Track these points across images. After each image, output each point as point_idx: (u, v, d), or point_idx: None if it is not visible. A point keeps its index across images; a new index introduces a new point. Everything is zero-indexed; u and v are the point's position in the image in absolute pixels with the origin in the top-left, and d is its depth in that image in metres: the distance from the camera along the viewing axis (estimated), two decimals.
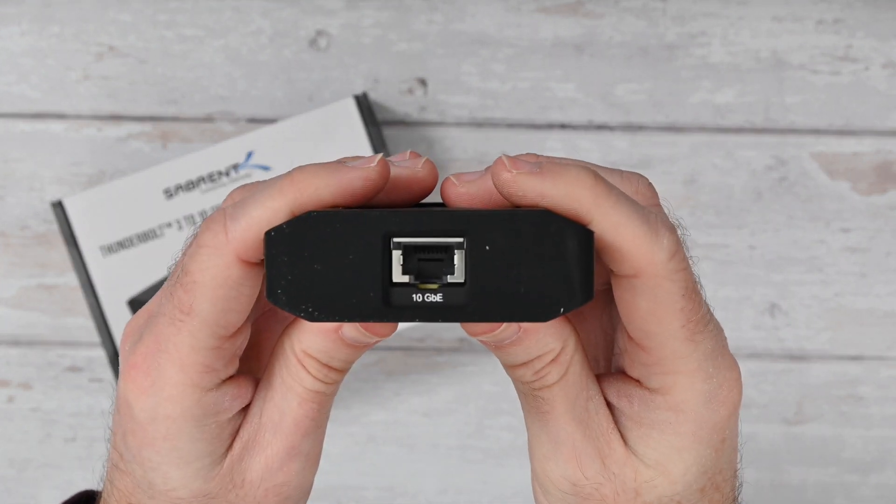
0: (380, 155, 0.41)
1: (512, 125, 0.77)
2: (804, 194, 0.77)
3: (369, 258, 0.38)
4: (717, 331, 0.43)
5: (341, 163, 0.41)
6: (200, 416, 0.43)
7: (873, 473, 0.81)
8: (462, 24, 0.76)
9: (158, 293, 0.45)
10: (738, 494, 0.46)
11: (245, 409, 0.44)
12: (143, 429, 0.43)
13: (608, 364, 0.47)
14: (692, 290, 0.41)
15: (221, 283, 0.41)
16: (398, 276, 0.38)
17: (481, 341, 0.42)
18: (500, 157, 0.40)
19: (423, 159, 0.43)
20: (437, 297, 0.38)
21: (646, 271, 0.40)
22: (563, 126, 0.77)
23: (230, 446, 0.44)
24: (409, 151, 0.44)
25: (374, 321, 0.38)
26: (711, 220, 0.78)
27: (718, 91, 0.76)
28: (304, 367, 0.43)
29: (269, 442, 0.44)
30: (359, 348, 0.43)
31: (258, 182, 0.44)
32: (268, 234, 0.38)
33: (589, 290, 0.38)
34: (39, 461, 0.82)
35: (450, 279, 0.38)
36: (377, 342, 0.42)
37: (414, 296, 0.38)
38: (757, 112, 0.77)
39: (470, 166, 0.77)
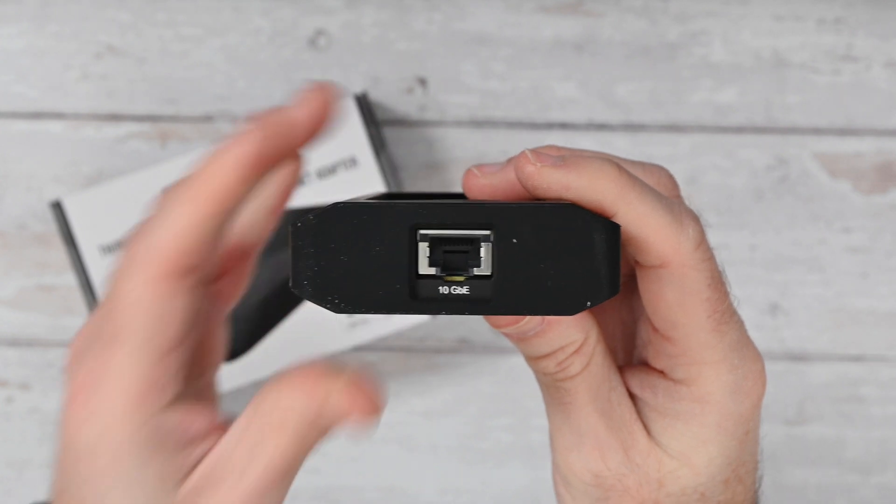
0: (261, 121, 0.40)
1: (512, 125, 0.77)
2: (805, 194, 0.77)
3: (396, 250, 0.37)
4: (740, 322, 0.43)
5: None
6: (145, 442, 0.39)
7: (875, 474, 0.81)
8: (462, 23, 0.76)
9: (97, 310, 0.43)
10: (759, 487, 0.46)
11: (202, 434, 0.41)
12: (85, 462, 0.40)
13: (627, 356, 0.47)
14: (717, 279, 0.42)
15: (148, 301, 0.39)
16: (424, 268, 0.38)
17: (504, 333, 0.42)
18: (524, 151, 0.40)
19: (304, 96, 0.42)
20: (464, 290, 0.38)
21: (672, 261, 0.40)
22: (563, 126, 0.77)
23: (185, 477, 0.40)
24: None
25: (400, 313, 0.38)
26: (712, 220, 0.78)
27: (719, 90, 0.76)
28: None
29: (233, 485, 0.40)
30: (326, 433, 0.41)
31: (175, 186, 0.42)
32: (294, 225, 0.38)
33: (615, 284, 0.38)
34: (38, 462, 0.81)
35: (476, 271, 0.38)
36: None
37: (440, 288, 0.38)
38: (758, 111, 0.76)
39: (470, 166, 0.77)
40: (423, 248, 0.38)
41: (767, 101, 0.76)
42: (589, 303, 0.38)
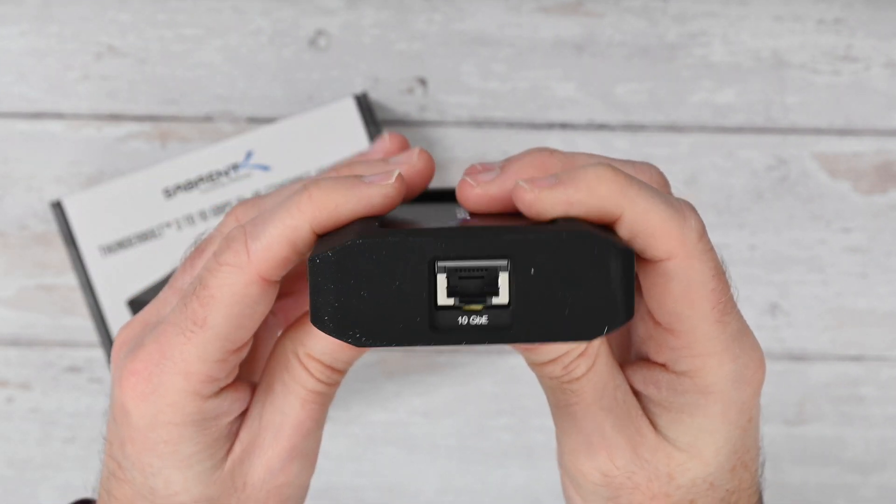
0: (396, 170, 0.41)
1: (512, 125, 0.77)
2: (805, 194, 0.77)
3: (415, 283, 0.38)
4: (740, 313, 0.44)
5: (356, 176, 0.41)
6: (201, 422, 0.43)
7: (874, 474, 0.81)
8: (462, 23, 0.76)
9: (153, 303, 0.46)
10: (762, 473, 0.47)
11: (243, 413, 0.45)
12: (143, 435, 0.43)
13: (625, 353, 0.47)
14: (720, 270, 0.42)
15: (239, 300, 0.41)
16: (443, 300, 0.38)
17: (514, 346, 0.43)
18: (518, 183, 0.40)
19: (416, 151, 0.43)
20: (482, 319, 0.38)
21: (678, 252, 0.41)
22: (563, 126, 0.77)
23: (230, 450, 0.45)
24: (387, 135, 0.45)
25: (421, 345, 0.39)
26: (712, 220, 0.78)
27: (719, 91, 0.76)
28: (306, 369, 0.44)
29: (269, 444, 0.45)
30: (362, 351, 0.43)
31: (265, 197, 0.45)
32: (312, 260, 0.38)
33: (631, 308, 0.38)
34: (38, 461, 0.81)
35: (494, 301, 0.38)
36: None
37: (459, 318, 0.38)
38: (757, 112, 0.76)
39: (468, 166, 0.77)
40: (442, 280, 0.38)
41: (767, 101, 0.76)
42: (607, 328, 0.38)
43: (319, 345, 0.43)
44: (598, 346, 0.43)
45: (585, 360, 0.43)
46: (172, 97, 0.77)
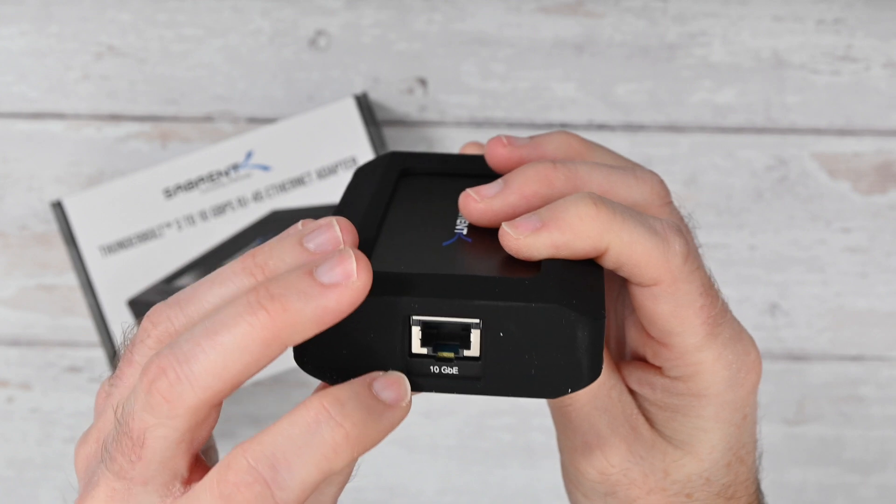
0: (351, 258, 0.36)
1: (512, 125, 0.77)
2: (805, 194, 0.77)
3: (391, 336, 0.39)
4: (732, 317, 0.45)
5: (311, 264, 0.36)
6: None
7: (874, 474, 0.81)
8: (462, 23, 0.76)
9: (98, 416, 0.40)
10: (759, 464, 0.48)
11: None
12: None
13: (619, 352, 0.48)
14: (708, 286, 0.43)
15: (177, 444, 0.37)
16: (417, 348, 0.39)
17: None
18: (503, 227, 0.40)
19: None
20: (454, 370, 0.40)
21: (664, 278, 0.42)
22: (563, 126, 0.77)
23: None
24: (300, 223, 0.40)
25: None
26: (711, 220, 0.78)
27: (719, 91, 0.76)
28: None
29: None
30: None
31: (189, 303, 0.38)
32: None
33: (596, 371, 0.40)
34: (39, 461, 0.81)
35: (466, 353, 0.40)
36: None
37: (431, 367, 0.40)
38: (757, 112, 0.76)
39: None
40: (416, 332, 0.39)
41: (767, 101, 0.76)
42: (570, 389, 0.39)
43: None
44: None
45: None
46: (172, 97, 0.77)
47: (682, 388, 0.44)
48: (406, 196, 0.47)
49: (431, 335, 0.39)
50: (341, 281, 0.36)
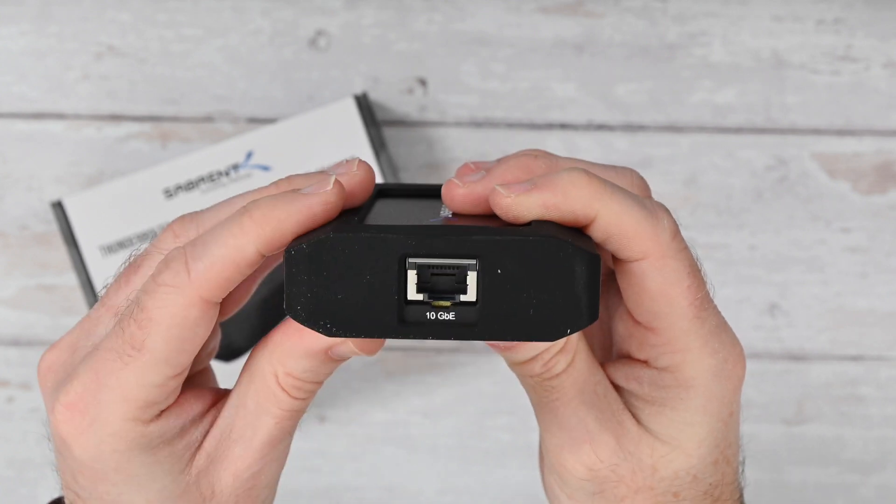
0: (331, 176, 0.41)
1: (512, 125, 0.77)
2: (804, 194, 0.77)
3: (386, 278, 0.39)
4: (717, 309, 0.45)
5: (295, 189, 0.41)
6: (147, 445, 0.42)
7: (874, 474, 0.81)
8: (462, 23, 0.76)
9: (82, 323, 0.44)
10: (742, 470, 0.48)
11: (200, 416, 0.44)
12: (90, 466, 0.42)
13: (606, 353, 0.48)
14: (695, 267, 0.43)
15: (179, 322, 0.40)
16: (413, 294, 0.39)
17: (490, 345, 0.43)
18: (494, 187, 0.41)
19: (356, 161, 0.43)
20: (450, 315, 0.39)
21: (652, 252, 0.42)
22: (563, 126, 0.77)
23: (192, 459, 0.43)
24: (344, 160, 0.45)
25: (390, 337, 0.40)
26: (711, 220, 0.78)
27: (719, 91, 0.76)
28: (285, 390, 0.43)
29: (238, 455, 0.44)
30: (342, 362, 0.43)
31: (204, 213, 0.44)
32: (288, 252, 0.39)
33: (595, 311, 0.39)
34: (39, 461, 0.81)
35: (462, 298, 0.39)
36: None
37: (427, 313, 0.39)
38: (757, 112, 0.76)
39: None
40: (412, 276, 0.39)
41: (767, 101, 0.76)
42: (569, 330, 0.39)
43: (301, 364, 0.42)
44: (577, 342, 0.44)
45: (565, 356, 0.44)
46: (172, 97, 0.77)
47: (669, 379, 0.44)
48: (388, 203, 0.46)
49: (428, 281, 0.39)
50: (317, 188, 0.40)
